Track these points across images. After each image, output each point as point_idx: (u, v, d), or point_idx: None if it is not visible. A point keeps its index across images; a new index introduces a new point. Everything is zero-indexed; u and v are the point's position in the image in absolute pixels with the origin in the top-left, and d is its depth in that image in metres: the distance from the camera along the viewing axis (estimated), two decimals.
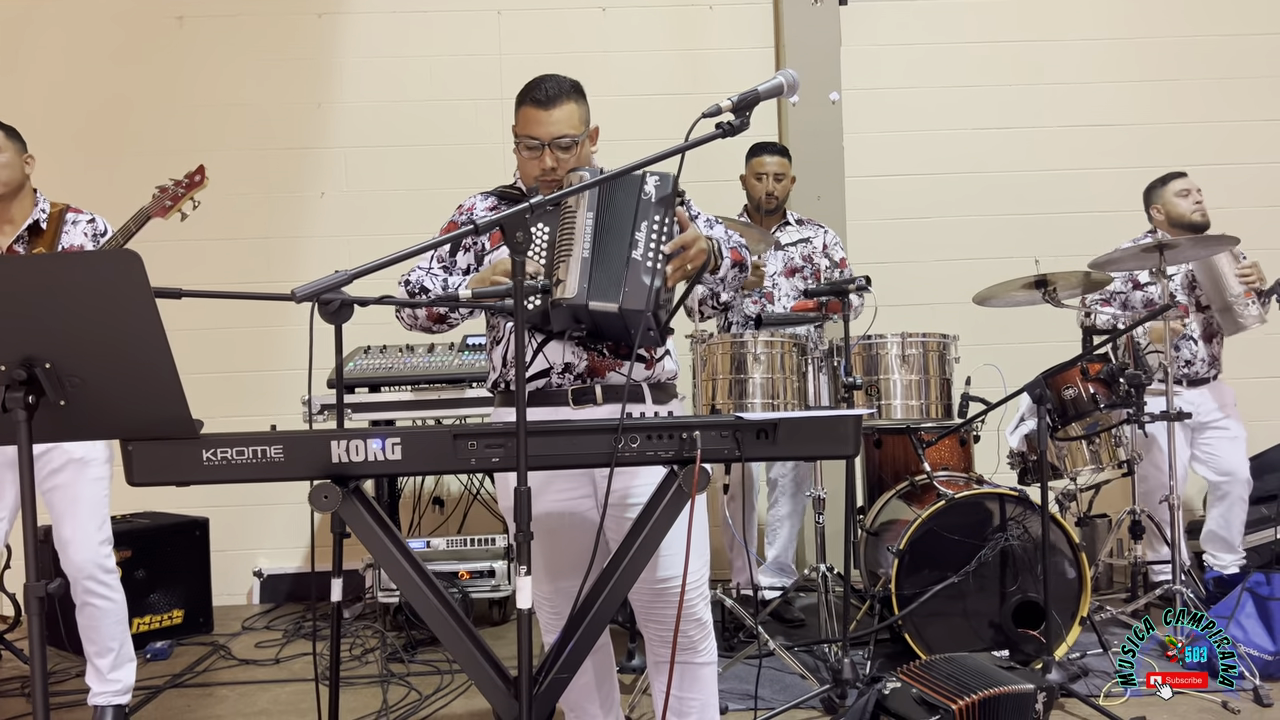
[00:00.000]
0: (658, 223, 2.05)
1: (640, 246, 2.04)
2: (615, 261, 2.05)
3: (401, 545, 1.93)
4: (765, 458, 2.49)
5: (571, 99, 2.21)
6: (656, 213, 2.06)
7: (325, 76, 4.88)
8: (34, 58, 4.77)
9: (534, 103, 2.20)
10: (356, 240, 4.80)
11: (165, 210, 3.03)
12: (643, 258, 2.03)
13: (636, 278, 2.02)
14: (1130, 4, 5.02)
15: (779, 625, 3.94)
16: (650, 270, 2.03)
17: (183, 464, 1.74)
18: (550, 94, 2.19)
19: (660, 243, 2.05)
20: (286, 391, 4.46)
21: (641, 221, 2.06)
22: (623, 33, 4.91)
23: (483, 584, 4.02)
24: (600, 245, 2.07)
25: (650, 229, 2.05)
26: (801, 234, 4.10)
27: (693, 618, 2.20)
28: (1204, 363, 4.02)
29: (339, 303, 2.15)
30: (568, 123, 2.19)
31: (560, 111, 2.19)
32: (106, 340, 1.61)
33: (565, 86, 2.22)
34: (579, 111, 2.23)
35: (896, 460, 3.90)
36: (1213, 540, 4.06)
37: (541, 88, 2.21)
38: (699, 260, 2.10)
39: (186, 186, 3.06)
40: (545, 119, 2.18)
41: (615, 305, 2.02)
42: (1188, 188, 3.99)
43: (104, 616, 2.95)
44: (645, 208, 2.06)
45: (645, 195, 2.07)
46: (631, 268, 2.03)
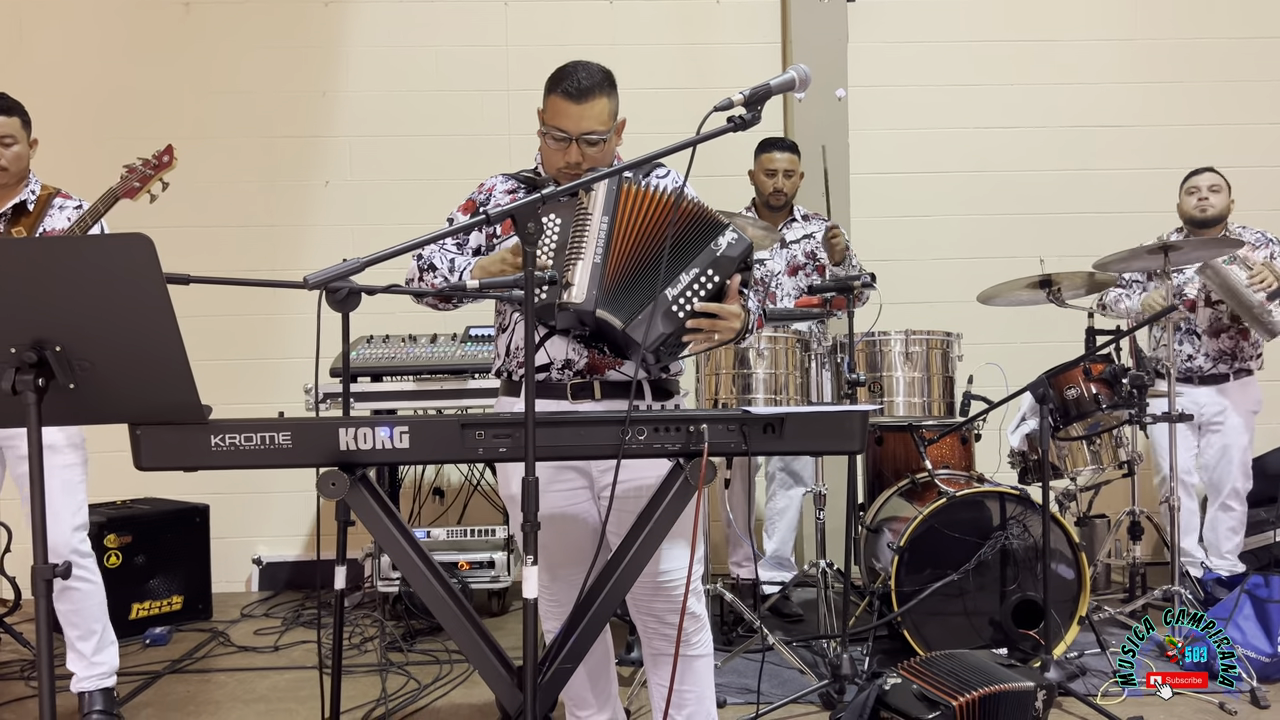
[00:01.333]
0: (708, 277, 2.00)
1: (679, 287, 1.99)
2: (645, 286, 2.00)
3: (407, 533, 1.93)
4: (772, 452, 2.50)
5: (604, 93, 2.15)
6: (714, 268, 2.00)
7: (331, 65, 4.87)
8: (39, 43, 4.76)
9: (565, 95, 2.13)
10: (360, 229, 4.80)
11: (134, 191, 2.98)
12: (673, 299, 1.99)
13: (654, 313, 1.98)
14: (1138, 5, 5.01)
15: (777, 620, 3.95)
16: (671, 315, 1.98)
17: (191, 449, 1.75)
18: (584, 86, 2.12)
19: (698, 296, 2.00)
20: (288, 380, 4.44)
21: (694, 268, 2.00)
22: (630, 26, 4.90)
23: (482, 575, 4.02)
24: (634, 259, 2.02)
25: (698, 277, 2.00)
26: (806, 229, 4.10)
27: (687, 611, 2.21)
28: (1208, 358, 4.02)
29: (346, 290, 2.16)
30: (598, 119, 2.14)
31: (593, 108, 2.13)
32: (117, 324, 1.61)
33: (599, 78, 2.15)
34: (610, 105, 2.17)
35: (898, 457, 3.90)
36: (1209, 545, 4.09)
37: (574, 78, 2.13)
38: (726, 336, 2.06)
39: (155, 167, 3.01)
40: (576, 113, 2.13)
41: (620, 324, 1.99)
42: (1197, 185, 4.00)
43: (85, 599, 2.94)
44: (707, 257, 2.01)
45: (715, 245, 2.01)
46: (658, 302, 1.99)
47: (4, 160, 2.89)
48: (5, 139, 2.90)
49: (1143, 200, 4.19)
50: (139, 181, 2.99)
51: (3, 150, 2.89)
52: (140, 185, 2.99)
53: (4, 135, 2.89)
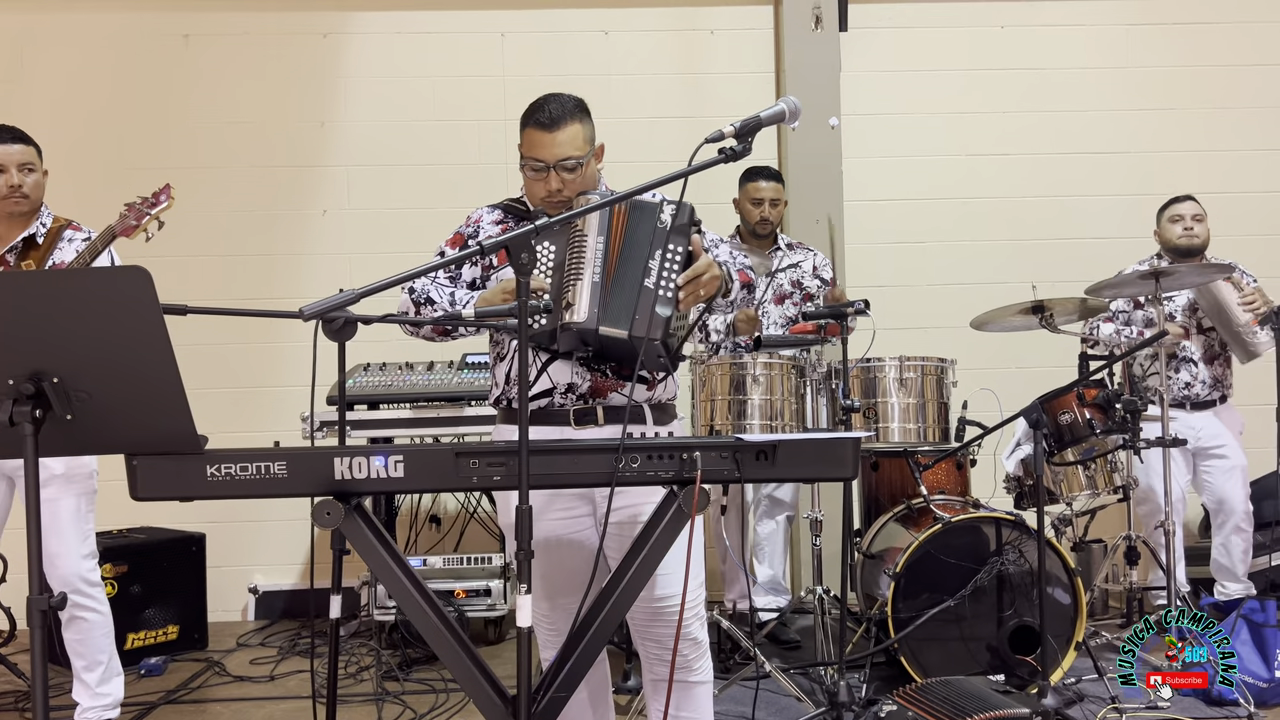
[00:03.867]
0: (672, 251, 2.06)
1: (654, 275, 2.05)
2: (629, 288, 2.06)
3: (402, 562, 1.94)
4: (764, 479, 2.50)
5: (576, 119, 2.22)
6: (672, 241, 2.06)
7: (329, 96, 4.92)
8: (40, 73, 4.81)
9: (538, 125, 2.20)
10: (358, 258, 4.82)
11: (131, 230, 3.01)
12: (655, 286, 2.04)
13: (648, 306, 2.03)
14: (1129, 33, 5.07)
15: (775, 647, 3.94)
16: (663, 299, 2.04)
17: (187, 479, 1.75)
18: (554, 116, 2.19)
19: (675, 272, 2.06)
20: (284, 408, 4.46)
21: (656, 250, 2.06)
22: (625, 56, 4.95)
23: (478, 603, 4.01)
24: (614, 271, 2.08)
25: (664, 257, 2.06)
26: (792, 259, 4.12)
27: (688, 637, 2.21)
28: (1205, 385, 4.04)
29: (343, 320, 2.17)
30: (572, 144, 2.20)
31: (564, 133, 2.19)
32: (114, 356, 1.62)
33: (569, 107, 2.22)
34: (583, 131, 2.23)
35: (893, 483, 3.91)
36: (1218, 569, 4.08)
37: (545, 109, 2.21)
38: (712, 288, 2.11)
39: (152, 205, 3.04)
40: (550, 141, 2.19)
41: (625, 332, 2.03)
42: (1181, 213, 4.03)
43: (93, 629, 2.96)
44: (660, 236, 2.07)
45: (661, 224, 2.08)
46: (644, 295, 2.04)
47: (26, 188, 2.93)
48: (26, 166, 2.93)
49: (1134, 226, 4.23)
50: (136, 219, 3.02)
51: (24, 178, 2.93)
52: (137, 223, 3.02)
53: (24, 163, 2.94)
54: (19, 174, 2.92)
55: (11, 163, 2.92)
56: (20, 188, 2.92)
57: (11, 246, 2.96)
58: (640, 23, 4.98)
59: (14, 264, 2.95)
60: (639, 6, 4.98)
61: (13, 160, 2.92)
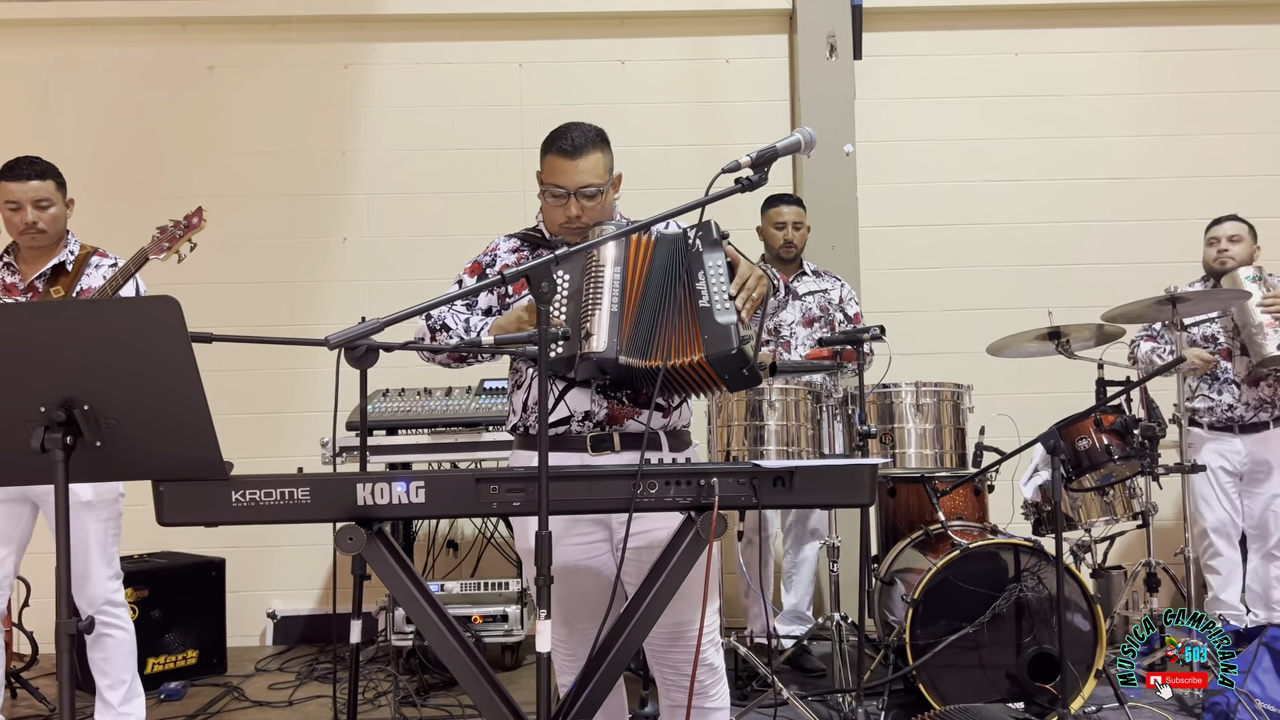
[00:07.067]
0: (714, 266, 2.08)
1: (705, 295, 2.06)
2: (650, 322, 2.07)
3: (423, 588, 1.95)
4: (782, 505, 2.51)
5: (597, 148, 2.26)
6: (709, 258, 2.08)
7: (350, 125, 4.99)
8: (66, 104, 4.90)
9: (560, 152, 2.24)
10: (378, 285, 4.88)
11: (163, 251, 3.06)
12: (711, 304, 2.05)
13: (712, 323, 2.03)
14: (1143, 59, 5.10)
15: (796, 674, 3.92)
16: (723, 310, 2.04)
17: (213, 505, 1.78)
18: (576, 144, 2.23)
19: (724, 283, 2.07)
20: (303, 434, 4.50)
21: (698, 271, 2.08)
22: (642, 85, 5.01)
23: (495, 628, 4.02)
24: (636, 301, 2.09)
25: (709, 276, 2.07)
26: (819, 285, 4.15)
27: (704, 663, 2.21)
28: (1248, 407, 3.98)
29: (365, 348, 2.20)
30: (593, 172, 2.24)
31: (586, 161, 2.23)
32: (144, 384, 1.66)
33: (591, 135, 2.27)
34: (604, 160, 2.27)
35: (911, 509, 3.90)
36: (1249, 595, 4.04)
37: (568, 137, 2.25)
38: (762, 288, 2.11)
39: (185, 228, 3.09)
40: (571, 169, 2.23)
41: (644, 364, 2.05)
42: (1217, 235, 4.02)
43: (118, 647, 3.01)
44: (696, 258, 2.08)
45: (694, 248, 2.09)
46: (703, 316, 2.04)
47: (42, 223, 2.99)
48: (41, 202, 2.99)
49: (1150, 252, 4.23)
50: (169, 242, 3.07)
51: (40, 214, 2.98)
52: (170, 245, 3.07)
53: (40, 199, 2.99)
54: (34, 210, 2.97)
55: (27, 199, 2.97)
56: (35, 224, 2.97)
57: (41, 273, 3.03)
58: (656, 52, 5.04)
59: (44, 290, 3.01)
60: (655, 36, 5.04)
61: (28, 197, 2.97)
